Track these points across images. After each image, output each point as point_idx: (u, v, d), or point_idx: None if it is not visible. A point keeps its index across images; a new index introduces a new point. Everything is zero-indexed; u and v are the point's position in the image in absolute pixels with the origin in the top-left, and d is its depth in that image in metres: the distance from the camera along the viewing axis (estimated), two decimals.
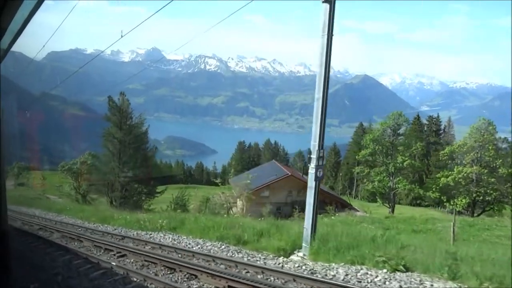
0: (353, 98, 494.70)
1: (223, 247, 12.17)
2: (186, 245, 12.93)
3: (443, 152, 33.45)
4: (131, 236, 14.78)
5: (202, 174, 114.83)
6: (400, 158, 30.62)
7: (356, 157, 38.03)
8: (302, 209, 32.58)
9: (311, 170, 11.20)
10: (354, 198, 65.84)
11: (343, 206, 37.75)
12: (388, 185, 32.40)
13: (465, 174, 32.01)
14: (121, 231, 16.43)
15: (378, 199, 36.04)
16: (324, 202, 34.32)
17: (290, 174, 39.53)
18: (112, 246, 12.90)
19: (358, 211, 39.55)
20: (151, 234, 15.07)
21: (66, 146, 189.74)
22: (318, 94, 10.92)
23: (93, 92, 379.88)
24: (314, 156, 11.02)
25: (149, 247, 12.96)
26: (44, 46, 15.64)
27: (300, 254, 11.00)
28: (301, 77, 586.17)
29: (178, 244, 13.08)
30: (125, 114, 34.74)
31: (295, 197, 37.50)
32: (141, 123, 35.35)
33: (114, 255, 12.07)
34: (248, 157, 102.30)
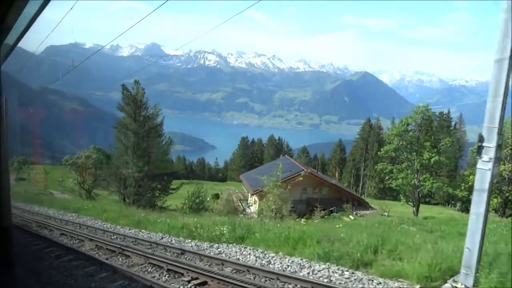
0: (352, 95, 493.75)
1: (340, 271, 8.76)
2: (287, 268, 9.32)
3: (471, 148, 31.91)
4: (190, 250, 11.34)
5: (204, 169, 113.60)
6: (426, 155, 29.19)
7: (378, 153, 36.62)
8: (323, 208, 31.54)
9: (483, 165, 7.16)
10: (361, 195, 64.79)
11: (359, 204, 36.56)
12: (412, 182, 31.03)
13: None
14: (171, 240, 13.25)
15: (402, 198, 34.62)
16: (340, 200, 33.19)
17: (305, 170, 38.16)
18: (179, 266, 9.36)
19: (374, 209, 38.41)
20: (216, 247, 11.70)
21: (66, 140, 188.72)
22: (503, 54, 6.73)
23: (92, 87, 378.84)
24: (490, 144, 7.07)
25: (230, 268, 9.48)
26: (44, 40, 14.88)
27: (459, 285, 7.53)
28: (300, 74, 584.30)
29: (272, 266, 9.51)
30: (139, 104, 32.57)
31: (310, 194, 36.18)
32: (156, 114, 33.13)
33: (188, 282, 8.57)
34: (251, 153, 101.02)
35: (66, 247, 12.19)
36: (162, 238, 13.66)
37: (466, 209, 56.09)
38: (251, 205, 37.31)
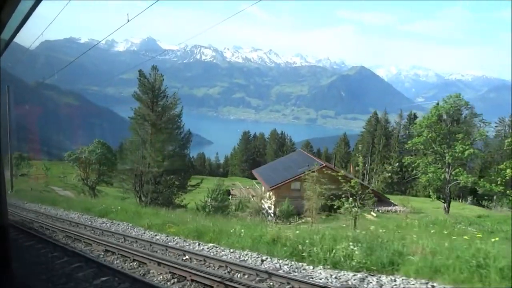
0: (349, 90, 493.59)
1: None
2: None
3: (508, 141, 30.35)
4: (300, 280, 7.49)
5: (204, 164, 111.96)
6: (459, 147, 27.58)
7: (406, 145, 35.21)
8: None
9: None
10: None
11: (379, 200, 35.07)
12: (442, 177, 29.49)
13: None
14: (279, 264, 8.96)
15: (431, 193, 33.14)
16: (361, 195, 31.65)
17: (325, 164, 36.58)
18: None
19: (396, 205, 37.05)
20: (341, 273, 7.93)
21: (61, 135, 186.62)
22: None
23: (88, 82, 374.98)
24: None
25: None
26: (40, 35, 14.71)
27: None
28: (297, 68, 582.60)
29: None
30: (157, 92, 30.06)
31: (328, 190, 34.53)
32: (175, 103, 30.27)
33: None
34: (253, 148, 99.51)
35: (132, 278, 8.10)
36: (263, 262, 9.29)
37: (478, 203, 55.12)
38: (266, 202, 35.74)
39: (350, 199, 17.42)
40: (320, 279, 7.68)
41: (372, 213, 28.53)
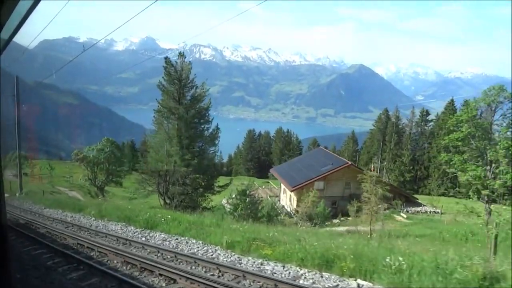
0: (348, 88, 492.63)
1: None
2: None
3: None
4: None
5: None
6: (504, 143, 25.78)
7: (442, 141, 33.63)
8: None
9: None
10: None
11: (407, 200, 33.54)
12: (483, 175, 27.71)
13: None
14: None
15: (471, 194, 31.35)
16: (387, 196, 30.06)
17: (350, 163, 34.94)
18: None
19: (424, 205, 35.52)
20: None
21: (60, 135, 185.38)
22: None
23: (87, 81, 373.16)
24: None
25: None
26: (38, 35, 14.37)
27: None
28: (296, 67, 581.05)
29: None
30: (185, 82, 27.04)
31: (353, 189, 32.96)
32: (203, 94, 27.36)
33: None
34: (258, 146, 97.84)
35: None
36: None
37: (494, 201, 53.66)
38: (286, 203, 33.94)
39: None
40: None
41: (401, 214, 27.01)
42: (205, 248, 11.61)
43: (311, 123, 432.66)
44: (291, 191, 33.53)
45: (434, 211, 32.85)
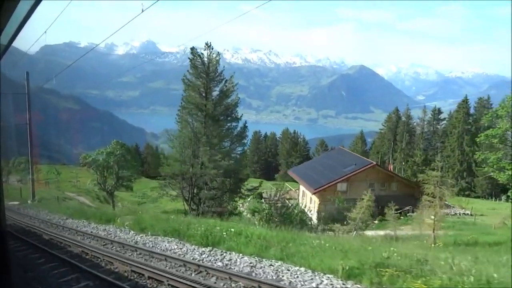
0: (349, 89, 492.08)
1: None
2: None
3: None
4: None
5: None
6: None
7: (476, 139, 32.38)
8: (397, 207, 26.78)
9: None
10: None
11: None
12: None
13: None
14: None
15: (510, 194, 30.01)
16: (412, 197, 28.85)
17: (375, 163, 33.60)
18: None
19: (453, 207, 34.17)
20: None
21: (62, 139, 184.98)
22: None
23: (87, 86, 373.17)
24: None
25: None
26: (38, 40, 14.37)
27: None
28: (297, 68, 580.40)
29: None
30: (213, 75, 24.89)
31: (377, 191, 31.63)
32: (231, 89, 25.22)
33: None
34: (264, 148, 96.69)
35: None
36: None
37: None
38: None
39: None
40: None
41: (431, 216, 25.63)
42: (315, 277, 8.60)
43: (312, 125, 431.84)
44: (313, 193, 32.13)
45: (464, 213, 31.51)
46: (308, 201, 32.76)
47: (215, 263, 10.26)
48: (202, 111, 24.69)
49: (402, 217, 25.65)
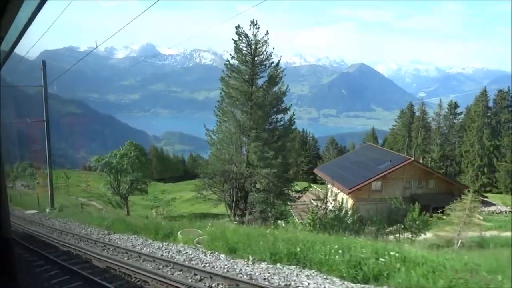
0: (350, 88, 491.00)
1: None
2: None
3: None
4: None
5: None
6: None
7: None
8: (436, 206, 24.72)
9: None
10: None
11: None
12: None
13: None
14: None
15: None
16: (451, 195, 27.03)
17: (413, 159, 31.70)
18: None
19: (494, 204, 32.40)
20: None
21: (64, 143, 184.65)
22: None
23: (88, 89, 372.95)
24: None
25: None
26: (37, 44, 13.67)
27: None
28: (297, 68, 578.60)
29: None
30: (261, 60, 21.73)
31: (414, 189, 29.96)
32: (278, 75, 22.04)
33: None
34: None
35: None
36: None
37: None
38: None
39: None
40: None
41: (478, 216, 23.93)
42: None
43: (313, 124, 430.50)
44: (348, 193, 29.81)
45: (510, 210, 29.82)
46: (339, 202, 30.88)
47: None
48: (250, 100, 21.45)
49: (444, 217, 23.97)
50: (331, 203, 30.71)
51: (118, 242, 13.79)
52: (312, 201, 28.95)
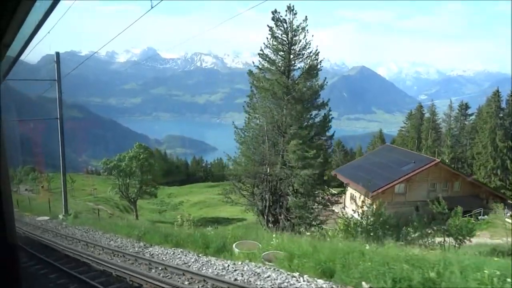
0: (351, 90, 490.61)
1: None
2: None
3: None
4: None
5: (223, 170, 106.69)
6: None
7: None
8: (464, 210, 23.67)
9: None
10: None
11: (502, 201, 29.26)
12: None
13: None
14: None
15: None
16: (478, 198, 26.03)
17: (439, 160, 30.68)
18: None
19: None
20: None
21: (67, 148, 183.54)
22: None
23: (90, 94, 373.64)
24: None
25: None
26: (35, 46, 11.29)
27: None
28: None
29: None
30: (300, 48, 19.76)
31: (439, 192, 28.65)
32: (316, 66, 20.18)
33: None
34: None
35: None
36: None
37: None
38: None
39: None
40: None
41: (507, 220, 22.88)
42: None
43: None
44: (371, 196, 28.11)
45: None
46: (360, 204, 29.71)
47: None
48: (288, 93, 19.72)
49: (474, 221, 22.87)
50: (349, 207, 29.67)
51: (164, 259, 11.50)
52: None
